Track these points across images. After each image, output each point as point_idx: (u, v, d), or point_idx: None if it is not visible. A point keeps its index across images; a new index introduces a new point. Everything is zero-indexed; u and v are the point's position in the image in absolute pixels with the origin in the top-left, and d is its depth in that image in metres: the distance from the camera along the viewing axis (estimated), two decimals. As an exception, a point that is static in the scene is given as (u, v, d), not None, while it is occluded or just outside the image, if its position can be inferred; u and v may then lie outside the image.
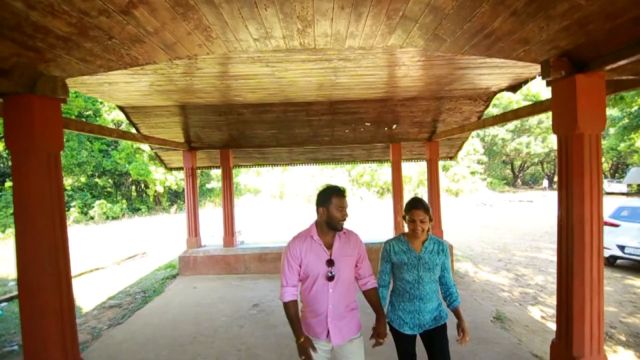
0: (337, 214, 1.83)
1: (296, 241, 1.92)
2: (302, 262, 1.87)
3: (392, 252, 2.09)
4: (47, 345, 1.97)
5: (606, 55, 1.68)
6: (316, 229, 1.92)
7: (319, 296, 1.86)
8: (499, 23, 1.93)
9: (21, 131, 1.90)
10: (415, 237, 2.04)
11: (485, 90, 4.96)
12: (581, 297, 1.86)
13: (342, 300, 1.89)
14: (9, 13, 1.52)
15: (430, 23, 2.24)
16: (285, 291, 1.87)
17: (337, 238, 1.91)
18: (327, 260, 1.86)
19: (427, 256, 2.03)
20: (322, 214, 1.87)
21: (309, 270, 1.87)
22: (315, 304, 1.88)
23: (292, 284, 1.89)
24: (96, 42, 1.97)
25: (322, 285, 1.86)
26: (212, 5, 2.03)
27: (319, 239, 1.89)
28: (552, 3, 1.62)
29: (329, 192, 1.87)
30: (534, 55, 2.02)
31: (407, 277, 2.03)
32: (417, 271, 2.01)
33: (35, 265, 1.92)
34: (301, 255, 1.87)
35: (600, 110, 1.84)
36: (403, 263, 2.04)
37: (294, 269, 1.88)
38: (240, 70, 3.70)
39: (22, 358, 3.51)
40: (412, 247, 2.05)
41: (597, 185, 1.85)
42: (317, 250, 1.88)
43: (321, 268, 1.85)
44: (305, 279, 1.91)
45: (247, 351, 3.49)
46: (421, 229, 1.98)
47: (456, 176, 24.61)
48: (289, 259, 1.89)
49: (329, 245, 1.91)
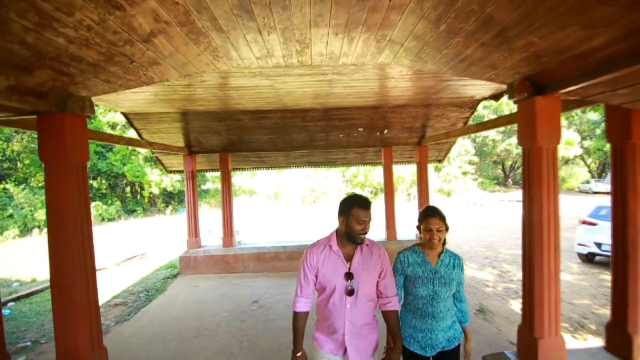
0: (357, 226, 1.69)
1: (313, 250, 1.80)
2: (318, 272, 1.77)
3: (406, 264, 1.92)
4: (76, 335, 2.22)
5: (558, 81, 2.00)
6: (336, 238, 1.80)
7: (335, 311, 1.74)
8: (471, 51, 2.24)
9: (54, 145, 2.15)
10: (431, 248, 1.89)
11: (470, 99, 5.29)
12: (540, 287, 2.17)
13: (360, 318, 1.75)
14: (52, 47, 1.78)
15: (413, 47, 2.55)
16: (298, 301, 1.78)
17: (359, 250, 1.78)
18: (346, 274, 1.73)
19: (444, 270, 1.87)
20: (342, 224, 1.76)
21: (325, 281, 1.75)
22: (330, 319, 1.76)
23: (307, 294, 1.79)
24: (120, 66, 2.24)
25: (338, 299, 1.73)
26: (220, 31, 2.31)
27: (338, 249, 1.77)
28: (512, 38, 1.93)
29: (350, 202, 1.74)
30: (502, 78, 2.34)
31: (421, 292, 1.87)
32: (433, 286, 1.86)
33: (66, 264, 2.18)
34: (317, 265, 1.77)
35: (556, 127, 2.16)
36: (417, 277, 1.88)
37: (310, 279, 1.78)
38: (242, 83, 3.97)
39: (35, 353, 3.76)
40: (428, 259, 1.90)
41: (554, 191, 2.17)
42: (335, 262, 1.76)
43: (338, 281, 1.73)
44: (321, 291, 1.80)
45: (249, 342, 3.76)
46: (438, 238, 1.84)
47: (448, 176, 25.09)
48: (305, 269, 1.79)
49: (349, 257, 1.77)
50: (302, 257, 1.84)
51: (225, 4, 1.96)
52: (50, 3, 1.53)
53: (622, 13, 1.42)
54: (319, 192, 22.72)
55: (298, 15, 2.15)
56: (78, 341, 2.22)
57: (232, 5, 1.97)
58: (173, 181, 19.67)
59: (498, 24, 1.85)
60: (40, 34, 1.65)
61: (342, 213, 1.76)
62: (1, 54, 1.63)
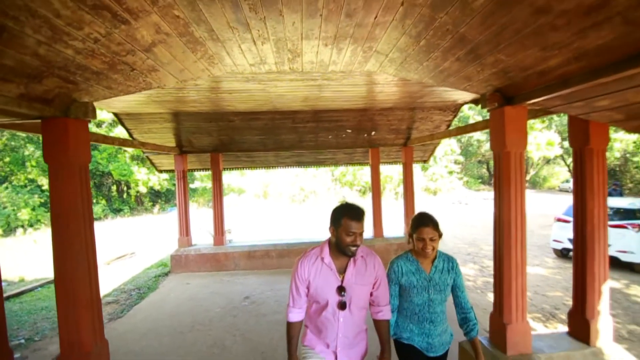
0: (347, 238, 1.60)
1: (305, 261, 1.71)
2: (309, 285, 1.70)
3: (400, 274, 1.87)
4: (80, 328, 2.34)
5: (524, 94, 2.24)
6: (329, 249, 1.71)
7: (328, 324, 1.69)
8: (448, 64, 2.46)
9: (58, 148, 2.27)
10: (424, 257, 1.86)
11: (453, 103, 5.56)
12: (509, 277, 2.42)
13: (353, 330, 1.72)
14: (61, 58, 1.90)
15: (397, 58, 2.75)
16: (291, 311, 1.73)
17: (352, 262, 1.69)
18: (338, 287, 1.66)
19: (438, 276, 1.84)
20: (332, 235, 1.68)
21: (317, 295, 1.69)
22: (323, 331, 1.72)
23: (300, 305, 1.73)
24: (121, 74, 2.36)
25: (331, 314, 1.68)
26: (217, 41, 2.46)
27: (331, 261, 1.68)
28: (483, 55, 2.16)
29: (340, 212, 1.65)
30: (476, 89, 2.57)
31: (416, 301, 1.84)
32: (428, 294, 1.82)
33: (70, 260, 2.30)
34: (309, 277, 1.68)
35: (522, 134, 2.40)
36: (412, 286, 1.84)
37: (302, 292, 1.71)
38: (234, 87, 4.11)
39: (29, 350, 3.83)
40: (422, 267, 1.86)
41: (521, 191, 2.41)
42: (327, 275, 1.68)
43: (330, 295, 1.66)
44: (312, 303, 1.74)
45: (241, 336, 3.92)
46: (431, 247, 1.79)
47: (434, 175, 25.63)
48: (296, 280, 1.71)
49: (342, 269, 1.69)
50: (294, 268, 1.74)
51: (223, 17, 2.11)
52: (63, 19, 1.66)
53: (573, 39, 1.65)
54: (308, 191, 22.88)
55: (290, 29, 2.32)
56: (81, 334, 2.34)
57: (230, 19, 2.13)
58: (161, 180, 19.49)
59: (470, 42, 2.07)
60: (51, 46, 1.78)
61: (332, 223, 1.68)
62: (15, 64, 1.75)
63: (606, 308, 2.64)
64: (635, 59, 1.48)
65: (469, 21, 1.87)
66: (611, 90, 1.80)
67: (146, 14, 1.90)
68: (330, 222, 1.70)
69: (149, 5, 1.84)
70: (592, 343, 2.57)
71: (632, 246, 6.28)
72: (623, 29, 1.44)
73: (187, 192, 6.90)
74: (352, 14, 2.11)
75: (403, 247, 6.76)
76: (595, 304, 2.58)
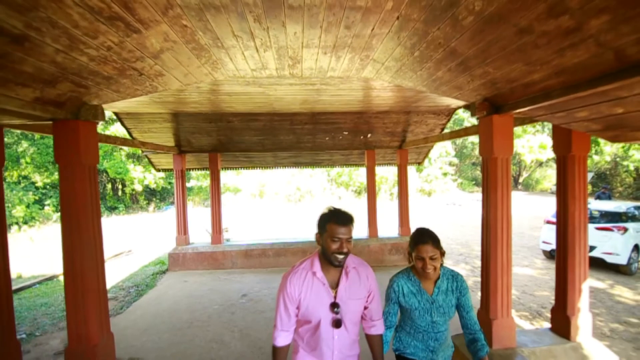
0: (332, 244, 1.48)
1: (294, 278, 1.56)
2: (300, 304, 1.56)
3: (401, 295, 1.75)
4: (88, 320, 2.45)
5: (511, 104, 2.39)
6: (319, 261, 1.58)
7: (322, 343, 1.58)
8: (441, 74, 2.61)
9: (68, 149, 2.37)
10: (426, 278, 1.71)
11: (446, 107, 5.72)
12: (495, 275, 2.57)
13: (349, 345, 1.63)
14: (76, 64, 2.01)
15: (393, 66, 2.89)
16: (279, 335, 1.59)
17: (344, 275, 1.58)
18: (331, 304, 1.54)
19: (441, 298, 1.71)
20: (318, 242, 1.57)
21: (308, 314, 1.56)
22: (317, 350, 1.60)
23: (288, 327, 1.59)
24: (130, 79, 2.47)
25: (325, 332, 1.56)
26: (221, 48, 2.58)
27: (323, 276, 1.55)
28: (472, 67, 2.31)
29: (326, 217, 1.54)
30: (466, 97, 2.72)
31: (419, 322, 1.74)
32: (431, 317, 1.71)
33: (79, 255, 2.41)
34: (300, 296, 1.55)
35: (509, 141, 2.55)
36: (414, 308, 1.72)
37: (291, 312, 1.56)
38: (235, 89, 4.23)
39: (31, 345, 3.91)
40: (424, 288, 1.73)
41: (507, 194, 2.56)
42: (319, 291, 1.55)
43: (323, 312, 1.54)
44: (304, 322, 1.60)
45: (239, 332, 4.04)
46: (432, 267, 1.64)
47: (429, 177, 25.89)
48: (285, 300, 1.56)
49: (334, 284, 1.58)
50: (281, 285, 1.60)
51: (228, 27, 2.24)
52: (80, 29, 1.77)
53: (553, 56, 1.81)
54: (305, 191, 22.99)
55: (292, 38, 2.45)
56: (89, 326, 2.45)
57: (234, 28, 2.25)
58: (157, 178, 19.47)
59: (460, 56, 2.22)
60: (67, 54, 1.89)
61: (318, 229, 1.57)
62: (33, 71, 1.86)
63: (586, 305, 2.80)
64: (607, 77, 1.64)
65: (459, 37, 2.01)
66: (588, 103, 1.96)
67: (156, 23, 2.02)
68: (317, 229, 1.58)
69: (159, 16, 1.95)
70: (573, 338, 2.74)
71: (617, 248, 6.50)
72: (596, 50, 1.59)
73: (185, 191, 6.99)
74: (351, 26, 2.24)
75: (397, 247, 6.92)
76: (576, 302, 2.74)
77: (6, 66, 1.72)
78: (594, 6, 1.38)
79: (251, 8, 1.99)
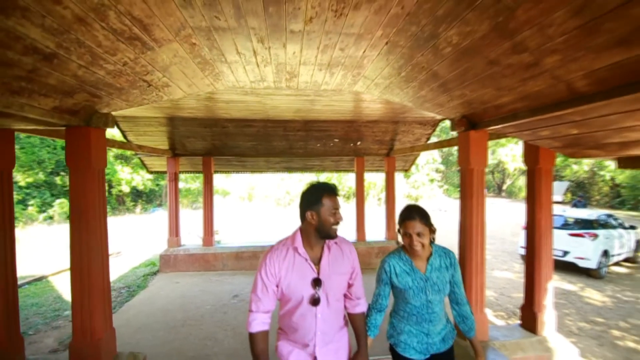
0: (331, 217, 1.48)
1: (274, 255, 1.52)
2: (280, 282, 1.50)
3: (393, 274, 1.71)
4: (93, 315, 2.59)
5: (485, 121, 2.68)
6: (301, 238, 1.54)
7: (305, 323, 1.52)
8: (424, 93, 2.89)
9: (80, 154, 2.53)
10: (415, 255, 1.69)
11: (432, 118, 6.06)
12: (470, 274, 2.85)
13: (333, 325, 1.57)
14: (94, 78, 2.19)
15: (382, 83, 3.16)
16: (254, 319, 1.50)
17: (327, 250, 1.55)
18: (314, 280, 1.49)
19: (435, 276, 1.68)
20: (311, 220, 1.50)
21: (290, 293, 1.49)
22: (299, 332, 1.54)
23: (265, 309, 1.51)
24: (139, 89, 2.66)
25: (308, 310, 1.50)
26: (224, 63, 2.80)
27: (305, 252, 1.52)
28: (452, 89, 2.59)
29: (318, 192, 1.50)
30: (447, 114, 3.01)
31: (413, 302, 1.69)
32: (425, 295, 1.66)
33: (87, 253, 2.55)
34: (280, 273, 1.49)
35: (484, 154, 2.85)
36: (408, 287, 1.68)
37: (270, 292, 1.49)
38: (232, 98, 4.43)
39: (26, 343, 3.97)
40: (416, 266, 1.69)
41: (482, 202, 2.85)
42: (302, 267, 1.51)
43: (306, 290, 1.49)
44: (285, 302, 1.54)
45: (232, 330, 4.20)
46: (420, 244, 1.62)
47: (416, 183, 26.46)
48: (264, 279, 1.49)
49: (316, 260, 1.54)
50: (259, 265, 1.54)
51: (233, 45, 2.46)
52: (102, 48, 1.96)
53: (518, 84, 2.10)
54: (294, 195, 23.15)
55: (291, 56, 2.69)
56: (93, 321, 2.59)
57: (239, 46, 2.48)
58: (145, 180, 19.31)
59: (441, 78, 2.50)
60: (88, 69, 2.07)
61: (310, 206, 1.50)
62: (56, 83, 2.04)
63: (551, 303, 3.11)
64: (561, 104, 1.93)
65: (440, 62, 2.29)
66: (549, 124, 2.26)
67: (169, 42, 2.23)
68: (305, 207, 1.52)
69: (172, 36, 2.17)
70: (539, 332, 3.04)
71: (588, 253, 6.94)
72: (551, 81, 1.88)
73: (177, 193, 7.10)
74: (344, 48, 2.50)
75: (384, 250, 7.19)
76: (542, 299, 3.04)
77: (34, 79, 1.90)
78: (547, 48, 1.67)
79: (256, 31, 2.22)
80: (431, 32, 2.00)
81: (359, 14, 1.96)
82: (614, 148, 2.22)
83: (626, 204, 22.34)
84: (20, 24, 1.51)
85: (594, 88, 1.73)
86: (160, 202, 21.25)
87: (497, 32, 1.74)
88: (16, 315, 2.76)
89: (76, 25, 1.69)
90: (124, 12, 1.75)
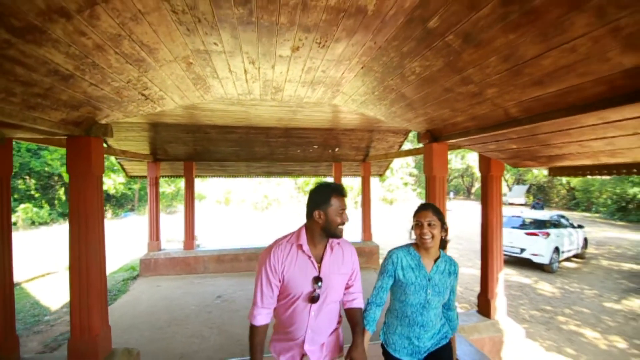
0: (338, 217, 1.51)
1: (278, 250, 1.53)
2: (283, 277, 1.51)
3: (399, 267, 1.73)
4: (91, 313, 2.77)
5: (445, 136, 3.14)
6: (306, 236, 1.55)
7: (297, 319, 1.54)
8: (395, 109, 3.31)
9: (80, 162, 2.72)
10: (425, 249, 1.72)
11: (404, 128, 6.57)
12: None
13: (325, 326, 1.59)
14: (100, 94, 2.42)
15: (358, 99, 3.56)
16: (259, 313, 1.52)
17: (329, 249, 1.57)
18: (314, 278, 1.51)
19: (438, 277, 1.71)
20: (319, 219, 1.52)
21: (290, 288, 1.52)
22: (290, 327, 1.56)
23: (269, 304, 1.54)
24: (137, 102, 2.89)
25: (302, 306, 1.52)
26: (216, 78, 3.09)
27: (309, 249, 1.53)
28: (417, 108, 3.03)
29: (327, 192, 1.53)
30: (414, 127, 3.45)
31: (412, 300, 1.70)
32: (425, 294, 1.69)
33: (86, 254, 2.73)
34: (283, 268, 1.51)
35: (444, 163, 3.31)
36: (410, 282, 1.70)
37: (274, 286, 1.52)
38: (219, 107, 4.68)
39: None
40: (423, 263, 1.72)
41: (443, 204, 3.30)
42: (304, 264, 1.52)
43: (305, 287, 1.51)
44: (283, 296, 1.55)
45: (217, 329, 4.42)
46: (430, 234, 1.66)
47: (391, 186, 27.36)
48: (268, 273, 1.51)
49: (318, 258, 1.56)
50: (262, 259, 1.55)
51: (226, 65, 2.76)
52: (112, 69, 2.21)
53: (468, 108, 2.55)
54: (272, 199, 23.25)
55: (278, 75, 3.02)
56: (91, 319, 2.77)
57: (231, 66, 2.78)
58: (117, 183, 18.71)
59: (408, 99, 2.92)
60: (97, 86, 2.30)
61: (317, 206, 1.52)
62: (67, 99, 2.25)
63: (502, 290, 3.61)
64: (501, 125, 2.39)
65: (406, 86, 2.71)
66: (494, 140, 2.73)
67: (169, 62, 2.50)
68: (314, 206, 1.54)
69: (172, 57, 2.44)
70: (492, 317, 3.52)
71: (541, 250, 7.71)
72: (492, 107, 2.34)
73: (158, 198, 7.16)
74: (326, 70, 2.86)
75: (360, 251, 7.60)
76: (494, 287, 3.54)
77: (49, 96, 2.11)
78: (487, 82, 2.12)
79: (249, 55, 2.54)
80: (398, 63, 2.41)
81: (339, 45, 2.34)
82: (544, 160, 2.73)
83: (580, 206, 24.32)
84: (50, 52, 1.75)
85: (523, 114, 2.19)
86: (132, 206, 20.64)
87: (450, 68, 2.17)
88: (12, 315, 2.88)
89: (94, 52, 1.94)
90: (136, 40, 2.02)
